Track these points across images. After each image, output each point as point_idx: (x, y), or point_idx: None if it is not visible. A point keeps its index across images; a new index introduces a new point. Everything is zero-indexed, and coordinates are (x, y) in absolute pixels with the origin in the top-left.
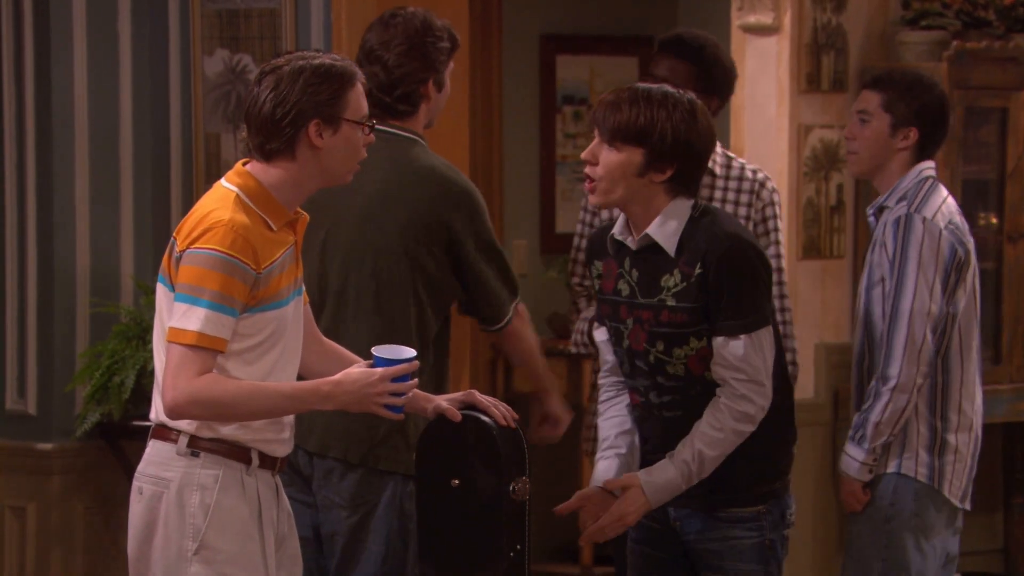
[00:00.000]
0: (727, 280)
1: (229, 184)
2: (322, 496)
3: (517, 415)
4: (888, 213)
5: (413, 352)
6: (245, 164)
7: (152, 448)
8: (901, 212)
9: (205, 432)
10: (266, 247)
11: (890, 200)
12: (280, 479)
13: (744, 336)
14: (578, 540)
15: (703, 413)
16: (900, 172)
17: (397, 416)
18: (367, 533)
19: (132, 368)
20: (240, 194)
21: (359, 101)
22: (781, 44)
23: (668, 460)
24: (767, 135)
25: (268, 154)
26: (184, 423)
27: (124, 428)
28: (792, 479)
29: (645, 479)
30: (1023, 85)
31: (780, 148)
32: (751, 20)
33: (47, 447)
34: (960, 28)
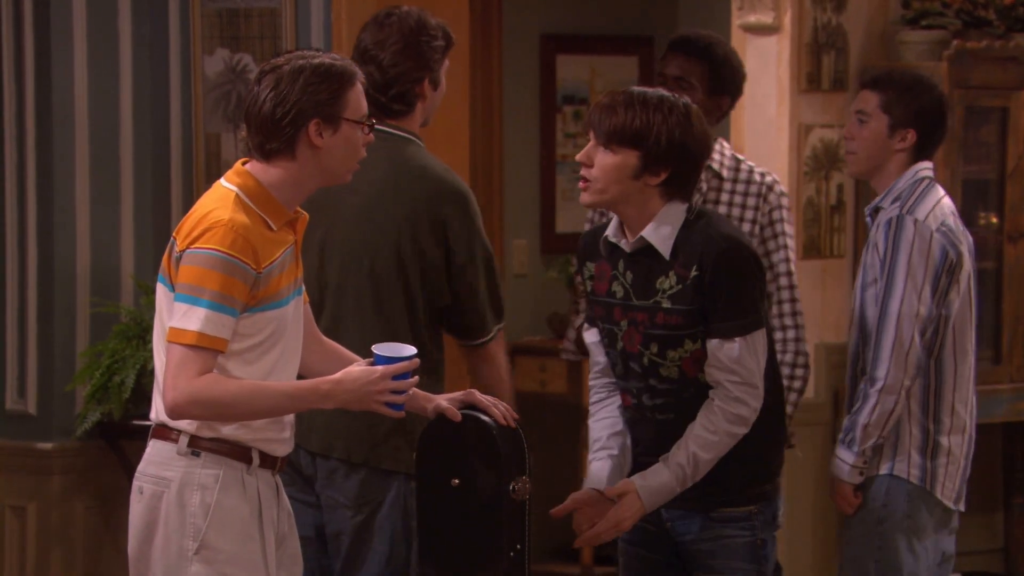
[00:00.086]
0: (723, 282)
1: (229, 184)
2: (326, 496)
3: (517, 415)
4: (883, 214)
5: (413, 350)
6: (245, 164)
7: (152, 448)
8: (893, 213)
9: (206, 432)
10: (266, 247)
11: (885, 201)
12: (280, 479)
13: (739, 338)
14: (574, 544)
15: (696, 416)
16: (897, 173)
17: (398, 414)
18: (372, 532)
19: (132, 368)
20: (240, 194)
21: (359, 100)
22: (781, 44)
23: (663, 464)
24: (767, 135)
25: (268, 153)
26: (185, 423)
27: (124, 428)
28: (792, 479)
29: (641, 484)
30: (1023, 85)
31: (780, 148)
32: (751, 20)
33: (47, 447)
34: (960, 27)
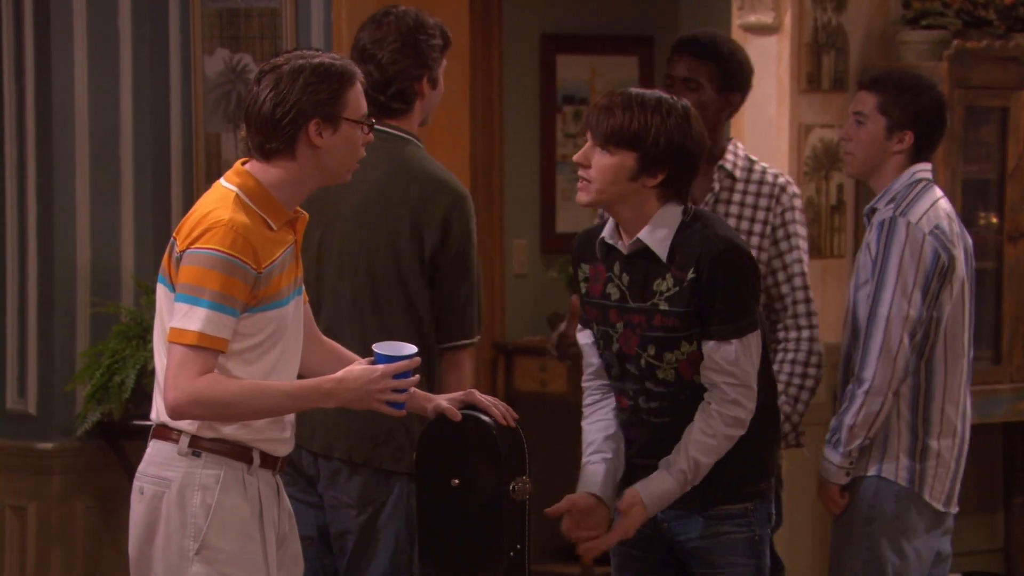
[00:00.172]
0: (720, 284)
1: (228, 184)
2: (330, 496)
3: (517, 415)
4: (877, 215)
5: (414, 349)
6: (244, 163)
7: (153, 448)
8: (887, 215)
9: (206, 432)
10: (266, 247)
11: (881, 202)
12: (282, 479)
13: (736, 340)
14: (576, 550)
15: (691, 419)
16: (895, 174)
17: (399, 413)
18: (377, 531)
19: (132, 368)
20: (239, 194)
21: (358, 100)
22: (781, 44)
23: (665, 471)
24: (767, 134)
25: (268, 153)
26: (185, 423)
27: (124, 428)
28: (794, 478)
29: (645, 493)
30: (1023, 85)
31: (780, 147)
32: (751, 20)
33: (47, 447)
34: (960, 27)
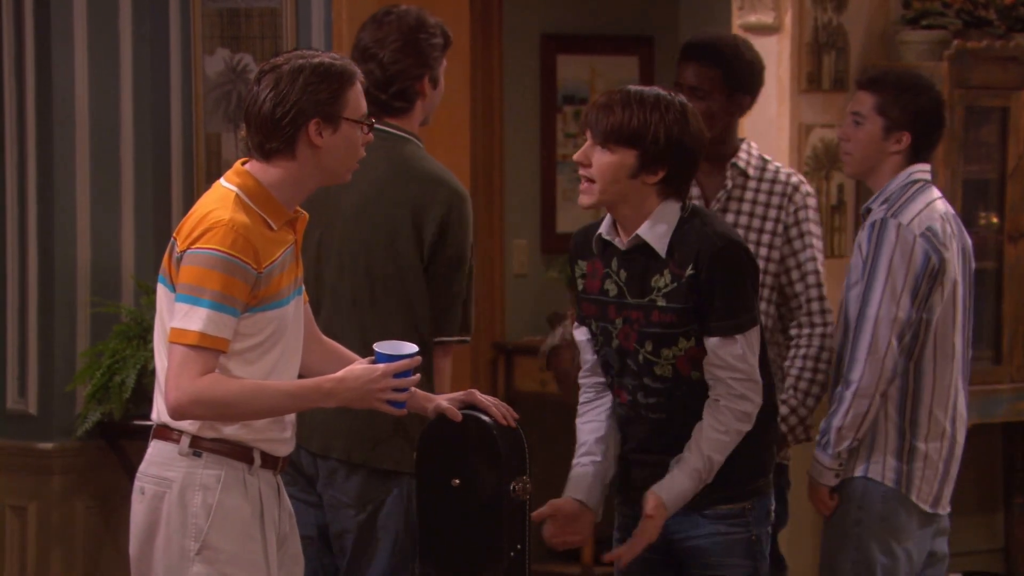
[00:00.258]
0: (720, 280)
1: (228, 184)
2: (328, 496)
3: (517, 415)
4: (870, 216)
5: (415, 348)
6: (244, 163)
7: (154, 448)
8: (879, 216)
9: (207, 432)
10: (266, 246)
11: (876, 203)
12: (282, 478)
13: (740, 336)
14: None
15: (694, 416)
16: (892, 175)
17: (400, 412)
18: (377, 530)
19: (133, 368)
20: (240, 193)
21: (358, 100)
22: (782, 43)
23: (680, 471)
24: (768, 134)
25: (268, 153)
26: (186, 423)
27: (125, 428)
28: (792, 479)
29: (667, 496)
30: (1023, 84)
31: (781, 147)
32: (752, 19)
33: (48, 447)
34: (961, 27)
